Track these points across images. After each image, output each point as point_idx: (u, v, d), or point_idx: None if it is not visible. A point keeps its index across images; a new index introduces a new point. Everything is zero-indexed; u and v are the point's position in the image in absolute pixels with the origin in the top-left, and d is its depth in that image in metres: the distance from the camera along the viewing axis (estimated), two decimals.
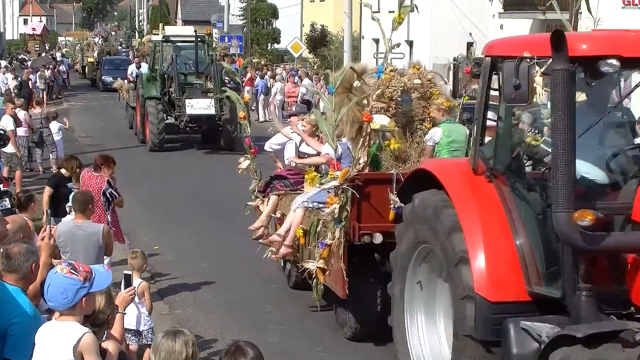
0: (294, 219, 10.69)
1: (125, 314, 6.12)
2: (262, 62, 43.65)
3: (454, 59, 39.53)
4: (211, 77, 27.16)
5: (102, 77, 51.74)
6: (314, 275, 10.21)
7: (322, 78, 36.19)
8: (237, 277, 13.42)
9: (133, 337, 8.89)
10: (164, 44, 28.71)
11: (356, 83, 10.47)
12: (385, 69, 11.06)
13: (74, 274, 5.16)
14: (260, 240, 11.94)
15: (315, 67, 44.78)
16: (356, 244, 9.81)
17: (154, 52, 29.44)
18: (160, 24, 44.25)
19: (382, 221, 9.71)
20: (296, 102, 32.45)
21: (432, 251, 8.24)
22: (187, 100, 25.85)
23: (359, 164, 9.91)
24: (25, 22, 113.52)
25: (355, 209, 9.76)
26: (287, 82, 33.79)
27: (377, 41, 46.81)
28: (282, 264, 12.58)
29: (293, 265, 11.90)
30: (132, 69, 39.77)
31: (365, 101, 10.26)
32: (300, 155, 11.74)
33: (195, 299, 12.40)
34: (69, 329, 5.14)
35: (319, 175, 10.80)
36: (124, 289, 6.24)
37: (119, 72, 48.10)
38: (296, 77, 35.37)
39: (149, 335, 8.93)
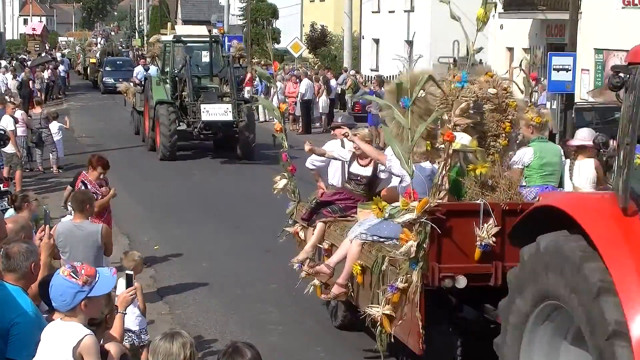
0: (349, 252, 9.14)
1: (125, 314, 6.12)
2: (262, 62, 43.59)
3: (453, 60, 39.58)
4: (227, 81, 25.41)
5: (104, 79, 50.41)
6: (378, 323, 8.58)
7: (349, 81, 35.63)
8: (237, 277, 13.42)
9: (129, 336, 8.87)
10: (175, 44, 26.73)
11: (421, 92, 8.94)
12: (453, 76, 9.55)
13: (73, 277, 5.16)
14: (304, 269, 10.41)
15: (315, 67, 44.75)
16: (432, 288, 8.29)
17: (164, 54, 27.63)
18: (169, 23, 42.88)
19: (466, 261, 8.26)
20: (295, 102, 32.50)
21: (561, 308, 6.78)
22: (202, 106, 23.81)
23: (440, 192, 8.16)
24: (25, 22, 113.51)
25: (435, 246, 8.19)
26: (289, 81, 33.74)
27: (377, 41, 46.86)
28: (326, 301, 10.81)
29: (343, 304, 10.43)
30: (138, 70, 38.35)
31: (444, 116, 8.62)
32: (351, 177, 10.29)
33: (195, 299, 12.40)
34: (71, 329, 5.14)
35: (387, 204, 8.93)
36: (125, 288, 6.23)
37: (121, 74, 47.94)
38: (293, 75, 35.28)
39: (142, 336, 8.91)
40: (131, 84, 34.44)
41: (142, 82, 30.32)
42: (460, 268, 8.24)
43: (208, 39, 26.75)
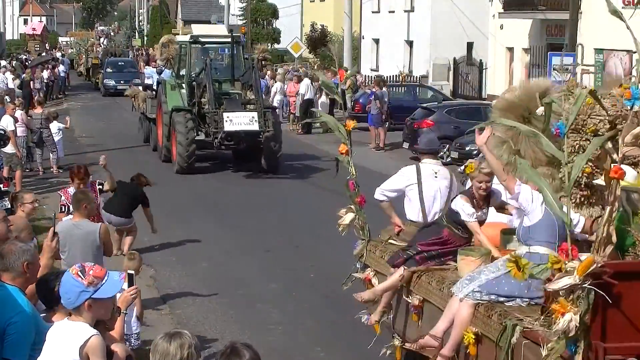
0: (457, 315, 7.20)
1: (126, 313, 6.12)
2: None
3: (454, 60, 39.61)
4: (251, 86, 23.05)
5: (104, 81, 48.08)
6: None
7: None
8: (237, 277, 13.42)
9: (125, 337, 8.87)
10: (192, 45, 24.21)
11: (539, 110, 7.30)
12: (571, 86, 7.87)
13: (80, 276, 5.16)
14: (407, 346, 8.31)
15: (315, 67, 44.76)
16: None
17: (179, 56, 25.04)
18: (180, 22, 41.27)
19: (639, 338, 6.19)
20: (295, 101, 32.47)
21: None
22: (224, 114, 21.40)
23: (605, 247, 6.03)
24: (25, 22, 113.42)
25: (599, 320, 6.08)
26: (291, 81, 33.71)
27: (377, 41, 46.86)
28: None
29: None
30: (149, 72, 35.97)
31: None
32: (454, 217, 8.08)
33: (195, 299, 12.39)
34: (78, 329, 5.14)
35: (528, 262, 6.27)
36: (127, 288, 6.23)
37: (123, 75, 47.02)
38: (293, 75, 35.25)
39: (132, 340, 8.87)
40: (140, 87, 32.30)
41: (152, 86, 28.98)
42: (634, 348, 6.17)
43: (229, 39, 24.43)
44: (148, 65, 47.83)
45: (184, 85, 23.84)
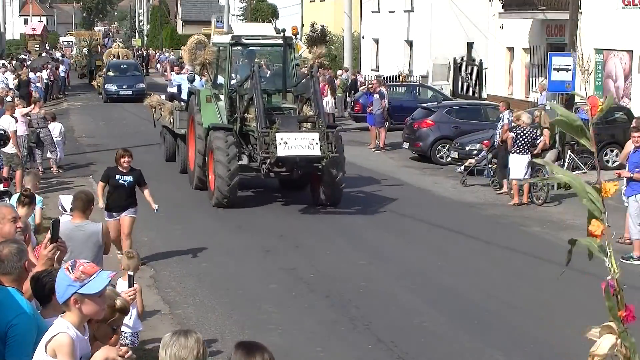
0: None
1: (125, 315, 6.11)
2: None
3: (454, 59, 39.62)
4: (308, 99, 18.95)
5: (106, 86, 43.60)
6: None
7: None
8: (237, 277, 13.43)
9: (127, 335, 8.88)
10: (233, 48, 19.83)
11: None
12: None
13: (69, 271, 5.16)
14: None
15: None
16: None
17: (217, 60, 20.52)
18: (213, 19, 32.51)
19: None
20: None
21: None
22: (277, 135, 17.01)
23: None
24: (25, 22, 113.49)
25: None
26: None
27: (377, 41, 46.88)
28: None
29: None
30: (179, 80, 28.48)
31: None
32: None
33: (195, 299, 12.40)
34: (54, 326, 5.13)
35: None
36: (126, 289, 6.23)
37: (126, 80, 43.39)
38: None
39: (133, 338, 8.87)
40: (162, 96, 27.13)
41: (179, 96, 25.00)
42: None
43: (279, 41, 19.71)
44: (173, 71, 36.07)
45: (221, 96, 19.71)
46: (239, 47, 20.14)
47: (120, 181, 13.83)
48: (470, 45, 39.96)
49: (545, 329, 11.08)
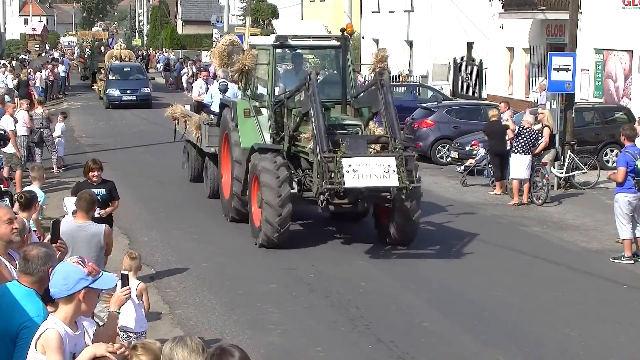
0: None
1: (119, 313, 6.11)
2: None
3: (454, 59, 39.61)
4: (375, 114, 15.61)
5: (108, 91, 40.54)
6: None
7: None
8: (237, 277, 13.42)
9: (133, 336, 8.88)
10: (277, 50, 16.39)
11: None
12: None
13: (80, 264, 5.19)
14: None
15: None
16: None
17: (256, 66, 16.71)
18: (248, 18, 25.41)
19: None
20: None
21: None
22: (345, 161, 13.56)
23: None
24: (25, 22, 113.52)
25: None
26: None
27: (377, 41, 46.88)
28: None
29: None
30: (212, 89, 21.38)
31: None
32: None
33: (195, 299, 12.40)
34: (44, 323, 5.13)
35: None
36: (120, 288, 6.22)
37: (130, 84, 40.69)
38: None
39: (141, 337, 8.89)
40: (187, 107, 22.89)
41: (208, 106, 20.83)
42: None
43: (335, 42, 16.27)
44: (199, 77, 26.37)
45: (263, 110, 16.22)
46: (284, 50, 16.75)
47: None
48: (470, 45, 39.95)
49: (545, 329, 11.08)
